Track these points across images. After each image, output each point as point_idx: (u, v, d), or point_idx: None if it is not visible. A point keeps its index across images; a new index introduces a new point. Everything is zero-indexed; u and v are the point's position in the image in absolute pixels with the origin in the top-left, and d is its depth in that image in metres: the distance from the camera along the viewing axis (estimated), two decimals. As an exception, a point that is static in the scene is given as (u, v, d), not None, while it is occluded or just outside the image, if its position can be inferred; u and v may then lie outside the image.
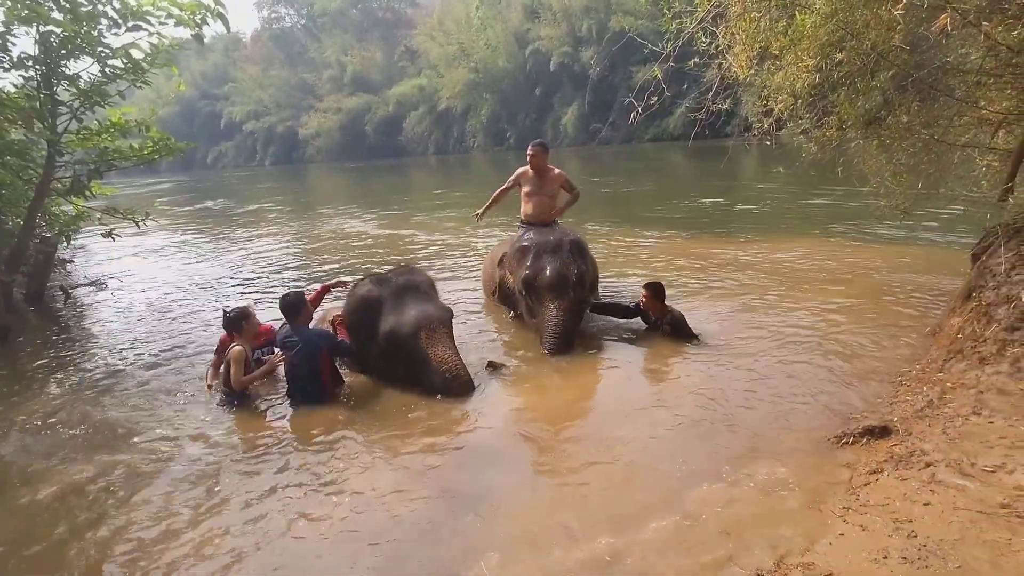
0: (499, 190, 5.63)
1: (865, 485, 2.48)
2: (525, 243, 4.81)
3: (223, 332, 4.29)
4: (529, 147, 5.35)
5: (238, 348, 3.98)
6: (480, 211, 5.80)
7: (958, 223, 6.98)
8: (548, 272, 4.49)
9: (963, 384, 3.01)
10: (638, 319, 4.75)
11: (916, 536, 2.08)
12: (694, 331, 4.42)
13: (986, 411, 2.71)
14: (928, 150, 4.46)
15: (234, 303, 5.50)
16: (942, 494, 2.28)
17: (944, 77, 4.29)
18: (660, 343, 4.46)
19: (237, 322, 4.13)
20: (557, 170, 5.34)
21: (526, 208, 5.44)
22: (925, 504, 2.24)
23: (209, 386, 4.27)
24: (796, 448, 2.93)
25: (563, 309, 4.42)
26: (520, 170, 5.40)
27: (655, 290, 4.48)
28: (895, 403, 3.20)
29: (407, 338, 3.92)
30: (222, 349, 4.27)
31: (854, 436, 2.89)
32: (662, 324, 4.51)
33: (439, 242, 9.44)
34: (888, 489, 2.39)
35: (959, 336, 3.44)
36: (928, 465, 2.47)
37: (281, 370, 4.12)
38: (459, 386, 3.79)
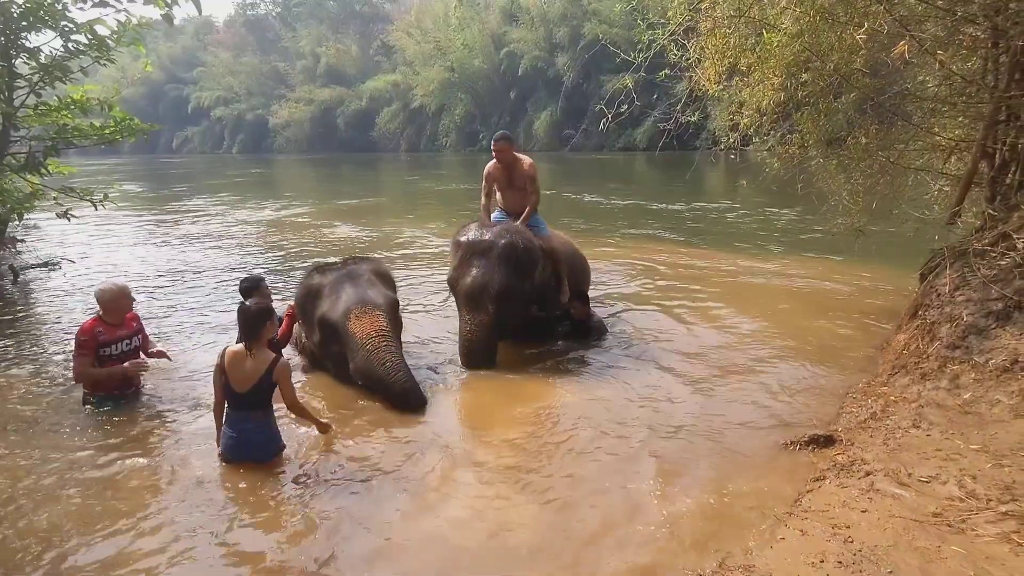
0: (483, 206, 5.02)
1: (808, 492, 2.56)
2: (460, 238, 4.49)
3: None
4: (493, 143, 4.83)
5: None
6: None
7: (910, 244, 7.22)
8: (466, 281, 4.23)
9: (905, 398, 3.14)
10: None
11: (852, 541, 2.15)
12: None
13: (924, 424, 2.83)
14: (884, 172, 4.63)
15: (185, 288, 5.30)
16: (879, 502, 2.36)
17: (903, 103, 4.46)
18: (611, 352, 4.52)
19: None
20: (527, 161, 4.84)
21: (500, 200, 5.08)
22: (863, 511, 2.32)
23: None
24: (743, 455, 3.01)
25: (477, 324, 4.16)
26: (488, 168, 4.90)
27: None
28: (841, 414, 3.30)
29: (336, 323, 3.85)
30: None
31: (800, 444, 2.99)
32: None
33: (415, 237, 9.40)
34: (829, 496, 2.47)
35: (904, 352, 3.58)
36: (868, 474, 2.56)
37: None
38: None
